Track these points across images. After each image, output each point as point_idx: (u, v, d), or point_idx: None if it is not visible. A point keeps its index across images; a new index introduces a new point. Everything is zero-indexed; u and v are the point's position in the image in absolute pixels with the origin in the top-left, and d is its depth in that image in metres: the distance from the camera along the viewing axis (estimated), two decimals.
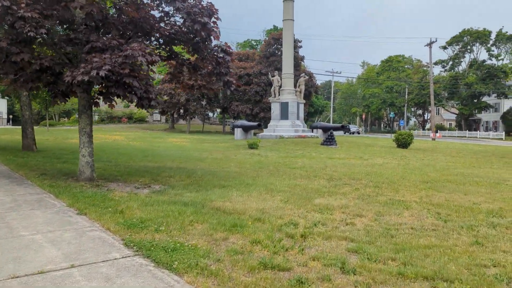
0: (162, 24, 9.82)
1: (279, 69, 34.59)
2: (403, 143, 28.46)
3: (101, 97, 9.57)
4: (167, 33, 9.48)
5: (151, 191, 9.10)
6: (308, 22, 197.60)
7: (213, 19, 9.37)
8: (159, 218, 6.25)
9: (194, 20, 8.60)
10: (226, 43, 9.79)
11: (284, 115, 31.96)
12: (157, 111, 69.55)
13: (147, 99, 8.31)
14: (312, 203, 8.27)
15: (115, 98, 9.32)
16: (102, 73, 7.43)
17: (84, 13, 8.60)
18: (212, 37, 9.49)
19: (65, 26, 9.73)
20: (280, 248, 5.21)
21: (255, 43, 66.19)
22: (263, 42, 49.61)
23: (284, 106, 32.01)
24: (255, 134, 34.34)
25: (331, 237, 5.89)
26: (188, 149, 23.09)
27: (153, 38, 10.20)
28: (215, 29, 9.09)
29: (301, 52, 49.64)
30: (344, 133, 63.22)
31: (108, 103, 9.48)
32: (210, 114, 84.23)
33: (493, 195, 9.87)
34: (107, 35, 8.83)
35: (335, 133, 35.47)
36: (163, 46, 9.92)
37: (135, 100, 8.28)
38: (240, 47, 69.12)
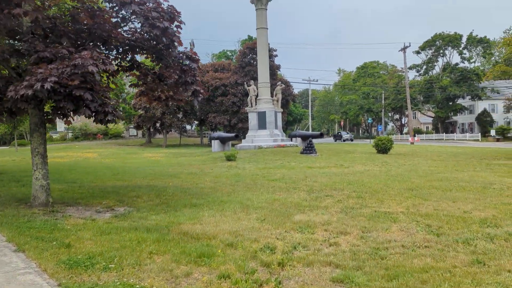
0: (122, 31, 8.99)
1: (255, 79, 33.98)
2: (383, 148, 28.08)
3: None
4: (127, 41, 8.64)
5: (113, 215, 8.17)
6: (283, 33, 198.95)
7: (175, 23, 8.58)
8: (112, 251, 5.36)
9: (152, 25, 7.80)
10: (191, 49, 9.00)
11: (262, 124, 31.24)
12: (132, 126, 68.22)
13: (103, 113, 7.42)
14: (292, 221, 7.49)
15: (71, 113, 8.41)
16: (47, 85, 6.54)
17: (30, 20, 7.71)
18: (175, 43, 8.70)
19: (14, 37, 8.80)
20: (253, 283, 4.39)
21: (230, 54, 65.63)
22: (238, 52, 48.99)
23: (262, 116, 31.32)
24: (233, 145, 33.53)
25: (313, 263, 5.11)
26: (163, 164, 22.10)
27: (113, 47, 9.33)
28: (177, 34, 8.29)
29: (277, 61, 49.31)
30: (335, 141, 63.00)
31: (64, 120, 8.56)
32: (188, 127, 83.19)
33: (483, 201, 9.29)
34: (57, 44, 7.93)
35: (315, 140, 35.03)
36: (123, 55, 9.06)
37: (89, 115, 7.37)
38: (216, 58, 68.49)
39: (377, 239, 6.24)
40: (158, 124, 46.57)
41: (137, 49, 9.07)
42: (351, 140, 64.16)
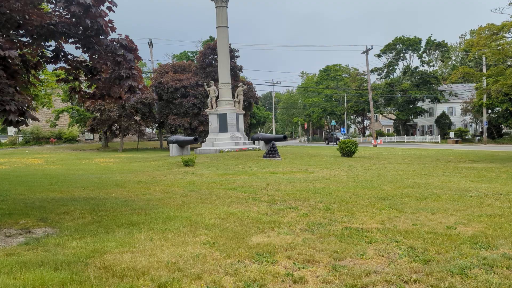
0: (41, 13, 7.30)
1: (217, 80, 32.45)
2: (348, 151, 27.26)
3: None
4: (45, 24, 6.99)
5: (25, 241, 6.50)
6: (244, 35, 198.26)
7: (106, 4, 7.01)
8: None
9: (69, 1, 6.22)
10: (127, 36, 7.44)
11: (223, 127, 29.73)
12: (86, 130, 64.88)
13: (1, 112, 5.76)
14: (248, 244, 6.10)
15: None
16: None
17: None
18: (107, 29, 7.12)
19: None
20: None
21: (191, 55, 63.67)
22: (198, 53, 47.28)
23: (223, 118, 29.79)
24: (193, 149, 31.85)
25: None
26: (112, 171, 20.20)
27: (30, 31, 7.63)
28: (103, 15, 6.73)
29: (239, 62, 47.98)
30: (328, 144, 59.51)
31: None
32: (149, 130, 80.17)
33: (464, 213, 8.24)
34: None
35: (278, 144, 33.83)
36: (40, 41, 7.37)
37: None
38: (177, 59, 66.37)
39: (352, 270, 4.94)
40: (114, 128, 44.07)
41: (61, 35, 7.42)
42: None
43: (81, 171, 20.19)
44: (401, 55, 73.49)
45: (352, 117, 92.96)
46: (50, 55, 7.96)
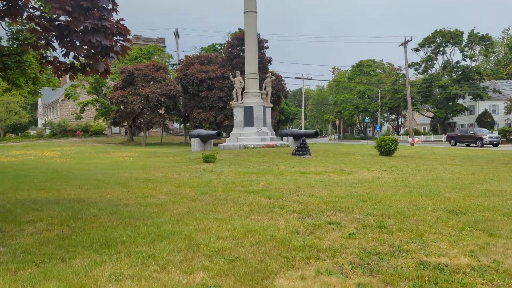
0: None
1: (244, 72, 30.03)
2: (387, 150, 24.41)
3: None
4: None
5: None
6: (277, 27, 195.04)
7: None
8: None
9: None
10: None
11: (249, 121, 27.35)
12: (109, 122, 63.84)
13: None
14: None
15: None
16: None
17: None
18: None
19: None
20: None
21: (219, 47, 61.63)
22: (226, 43, 45.10)
23: (249, 111, 27.40)
24: (216, 144, 29.64)
25: None
26: (124, 166, 18.21)
27: None
28: None
29: (268, 53, 45.51)
30: (454, 145, 40.64)
31: None
32: (176, 125, 78.76)
33: None
34: None
35: (308, 141, 31.25)
36: None
37: None
38: (204, 52, 64.49)
39: None
40: (138, 121, 42.49)
41: None
42: (497, 144, 41.02)
43: (91, 166, 18.30)
44: (441, 49, 69.07)
45: (385, 114, 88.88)
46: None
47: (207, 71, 41.07)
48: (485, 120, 66.73)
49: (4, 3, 5.57)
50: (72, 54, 6.29)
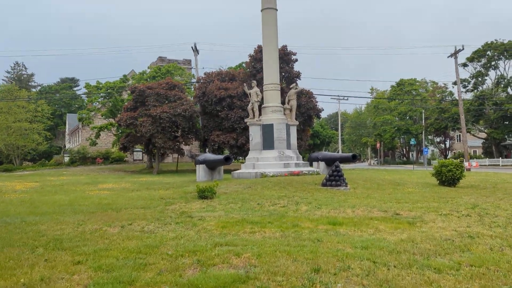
0: None
1: (262, 83, 24.71)
2: (450, 178, 18.22)
3: None
4: None
5: None
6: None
7: None
8: None
9: None
10: None
11: (268, 143, 21.86)
12: (138, 149, 59.77)
13: None
14: None
15: None
16: None
17: None
18: None
19: None
20: None
21: (246, 67, 57.13)
22: (249, 58, 40.33)
23: (268, 130, 21.94)
24: (230, 171, 24.27)
25: None
26: (80, 206, 13.15)
27: None
28: None
29: (297, 68, 40.26)
30: None
31: None
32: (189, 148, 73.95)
33: None
34: None
35: (345, 166, 25.39)
36: None
37: None
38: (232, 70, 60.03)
39: None
40: (150, 146, 37.96)
41: None
42: None
43: (34, 206, 13.32)
44: (493, 63, 61.67)
45: (429, 137, 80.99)
46: None
47: (228, 89, 36.23)
48: None
49: None
50: None
